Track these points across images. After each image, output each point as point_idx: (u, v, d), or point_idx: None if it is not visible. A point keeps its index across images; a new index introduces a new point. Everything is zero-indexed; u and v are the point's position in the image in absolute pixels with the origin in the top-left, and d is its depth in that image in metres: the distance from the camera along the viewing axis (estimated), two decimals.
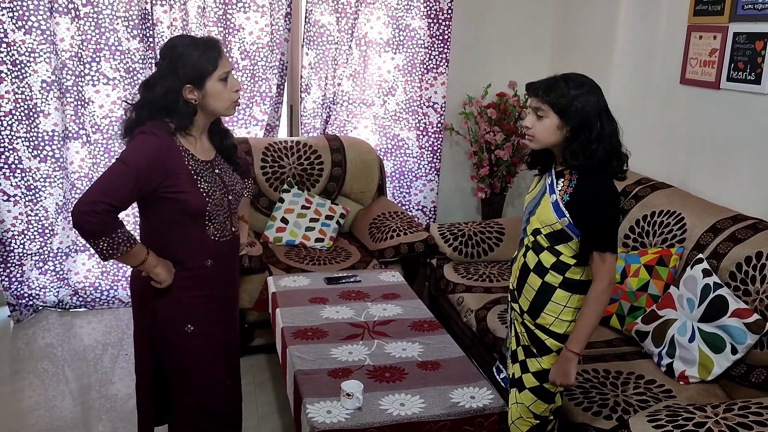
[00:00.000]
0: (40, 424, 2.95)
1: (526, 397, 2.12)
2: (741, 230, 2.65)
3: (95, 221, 1.86)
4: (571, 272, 2.02)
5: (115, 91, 3.83)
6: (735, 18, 2.91)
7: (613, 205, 1.99)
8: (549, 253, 2.03)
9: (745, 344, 2.37)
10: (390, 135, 4.37)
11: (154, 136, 1.96)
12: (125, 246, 1.93)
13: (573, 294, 2.03)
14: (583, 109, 1.92)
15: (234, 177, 2.18)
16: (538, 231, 2.04)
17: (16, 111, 3.69)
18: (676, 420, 1.96)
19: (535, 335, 2.09)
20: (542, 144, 2.02)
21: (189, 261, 2.08)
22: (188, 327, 2.11)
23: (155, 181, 1.95)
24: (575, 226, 1.97)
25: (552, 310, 2.04)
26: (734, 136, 2.96)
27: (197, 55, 1.96)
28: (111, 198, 1.88)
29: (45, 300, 4.02)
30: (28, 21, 3.59)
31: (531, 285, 2.07)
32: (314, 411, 2.14)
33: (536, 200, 2.09)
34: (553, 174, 2.05)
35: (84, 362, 3.49)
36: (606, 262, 1.95)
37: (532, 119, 2.01)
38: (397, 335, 2.67)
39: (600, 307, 1.98)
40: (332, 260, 3.64)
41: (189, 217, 2.03)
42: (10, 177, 3.75)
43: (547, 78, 2.01)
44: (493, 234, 3.77)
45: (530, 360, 2.11)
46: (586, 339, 2.00)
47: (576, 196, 1.96)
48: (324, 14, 4.03)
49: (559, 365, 2.03)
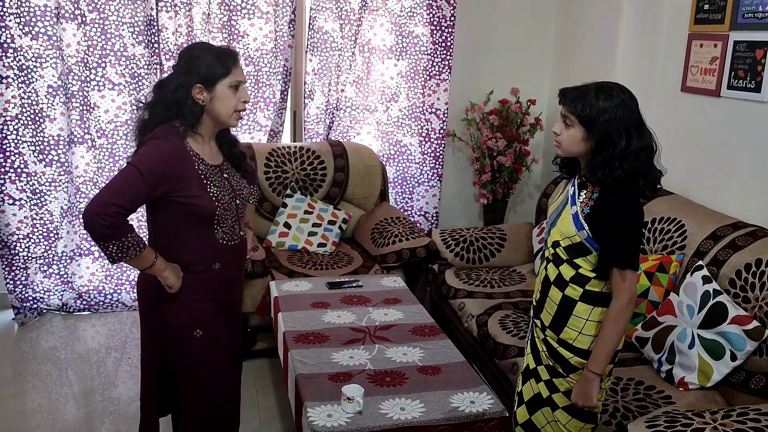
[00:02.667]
0: (43, 426, 2.97)
1: (562, 416, 2.06)
2: (741, 237, 2.66)
3: (106, 223, 1.88)
4: (591, 285, 1.96)
5: (120, 97, 3.87)
6: (735, 26, 2.93)
7: (634, 221, 1.91)
8: (568, 266, 1.98)
9: (745, 351, 2.38)
10: (393, 141, 4.39)
11: (166, 141, 1.99)
12: (134, 250, 1.94)
13: (595, 307, 1.96)
14: (608, 123, 1.85)
15: (241, 182, 2.21)
16: (558, 243, 1.99)
17: (22, 116, 3.72)
18: (675, 426, 1.97)
19: (558, 354, 2.03)
20: (567, 153, 1.97)
21: (198, 264, 2.10)
22: (197, 332, 2.13)
23: (166, 185, 1.97)
24: (594, 240, 1.91)
25: (574, 325, 1.98)
26: (734, 143, 2.98)
27: (212, 59, 2.02)
28: (122, 201, 1.89)
29: (49, 303, 4.04)
30: (35, 27, 3.63)
31: (552, 299, 2.02)
32: (315, 414, 2.16)
33: (558, 211, 2.04)
34: (575, 184, 2.00)
35: (87, 365, 3.51)
36: (626, 280, 1.89)
37: (560, 126, 1.96)
38: (398, 340, 2.69)
39: (620, 327, 1.91)
40: (334, 265, 3.66)
41: (198, 221, 2.05)
42: (16, 181, 3.78)
43: (580, 85, 1.94)
44: (495, 240, 3.79)
45: (557, 380, 2.04)
46: (607, 359, 1.94)
47: (596, 210, 1.91)
48: (328, 21, 4.06)
49: (580, 386, 1.97)
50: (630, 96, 1.90)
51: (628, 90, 1.91)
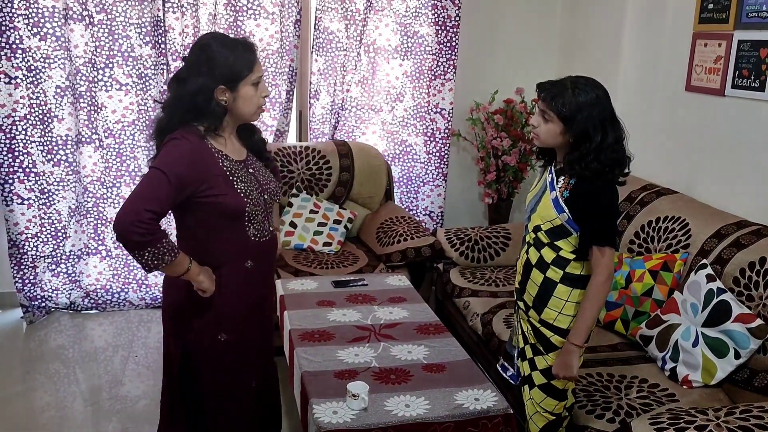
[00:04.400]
0: (51, 424, 3.00)
1: (537, 395, 2.18)
2: (745, 236, 2.66)
3: (142, 231, 1.81)
4: (571, 267, 2.07)
5: (127, 97, 3.90)
6: (739, 26, 2.93)
7: (611, 202, 2.03)
8: (549, 248, 2.08)
9: (749, 349, 2.39)
10: (398, 140, 4.41)
11: (186, 140, 1.94)
12: (170, 256, 1.88)
13: (574, 289, 2.08)
14: (585, 120, 1.95)
15: (267, 175, 2.16)
16: (539, 228, 2.10)
17: (30, 116, 3.76)
18: (678, 423, 1.97)
19: (540, 333, 2.14)
20: (545, 144, 2.09)
21: (229, 264, 2.06)
22: (221, 336, 2.10)
23: (193, 185, 1.92)
24: (574, 222, 2.02)
25: (555, 306, 2.10)
26: (739, 142, 2.98)
27: (234, 57, 1.94)
28: (154, 206, 1.83)
29: (57, 302, 4.08)
30: (43, 27, 3.67)
31: (534, 281, 2.13)
32: (320, 411, 2.18)
33: (537, 198, 2.14)
34: (553, 171, 2.10)
35: (95, 363, 3.54)
36: (605, 256, 2.00)
37: (538, 119, 2.06)
38: (403, 338, 2.70)
39: (600, 301, 2.03)
40: (340, 264, 3.68)
41: (229, 219, 2.01)
42: (25, 180, 3.82)
43: (556, 80, 2.04)
44: (500, 239, 3.80)
45: (537, 358, 2.16)
46: (587, 331, 2.06)
47: (575, 195, 2.01)
48: (333, 21, 4.08)
49: (561, 358, 2.08)
50: (604, 91, 2.00)
51: (601, 85, 2.01)
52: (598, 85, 2.01)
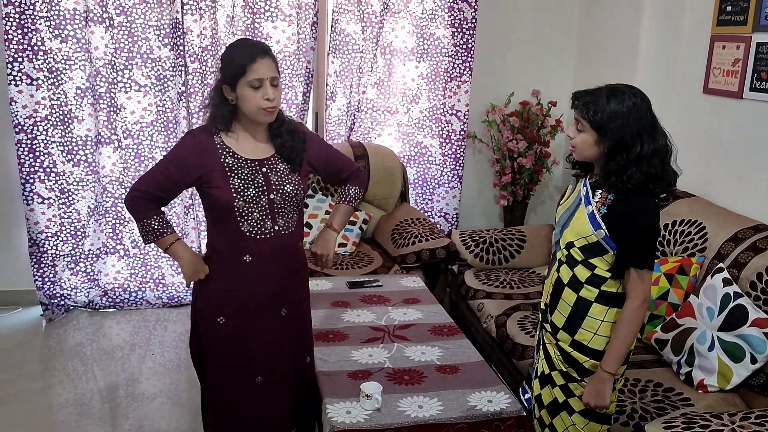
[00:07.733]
0: (69, 420, 3.04)
1: (579, 420, 2.05)
2: (762, 240, 2.64)
3: (130, 205, 2.14)
4: (607, 285, 1.95)
5: (146, 98, 3.94)
6: (758, 28, 2.91)
7: (651, 224, 1.90)
8: (583, 266, 1.96)
9: (765, 354, 2.37)
10: (413, 142, 4.42)
11: (191, 135, 2.16)
12: (152, 235, 2.15)
13: (611, 308, 1.95)
14: (620, 128, 1.84)
15: (286, 178, 2.17)
16: (572, 244, 1.97)
17: (51, 117, 3.81)
18: (693, 427, 1.97)
19: (572, 358, 2.01)
20: (583, 157, 1.97)
21: (227, 254, 2.17)
22: (220, 319, 2.19)
23: (191, 175, 2.11)
24: (611, 239, 1.90)
25: (589, 326, 1.97)
26: (757, 145, 2.96)
27: (233, 57, 2.08)
28: (146, 186, 2.12)
29: (76, 300, 4.13)
30: (64, 30, 3.72)
31: (566, 300, 2.00)
32: (334, 411, 2.19)
33: (570, 212, 2.02)
34: (587, 185, 1.99)
35: (112, 361, 3.59)
36: (644, 281, 1.89)
37: (573, 130, 1.96)
38: (417, 339, 2.71)
39: (635, 326, 1.91)
40: (355, 265, 3.69)
41: (219, 211, 2.13)
42: (45, 180, 3.87)
43: (593, 89, 1.93)
44: (515, 241, 3.79)
45: (572, 384, 2.03)
46: (621, 359, 1.93)
47: (613, 211, 1.89)
48: (350, 23, 4.10)
49: (593, 386, 1.96)
50: (642, 99, 1.88)
51: (641, 92, 1.90)
52: (637, 93, 1.88)
